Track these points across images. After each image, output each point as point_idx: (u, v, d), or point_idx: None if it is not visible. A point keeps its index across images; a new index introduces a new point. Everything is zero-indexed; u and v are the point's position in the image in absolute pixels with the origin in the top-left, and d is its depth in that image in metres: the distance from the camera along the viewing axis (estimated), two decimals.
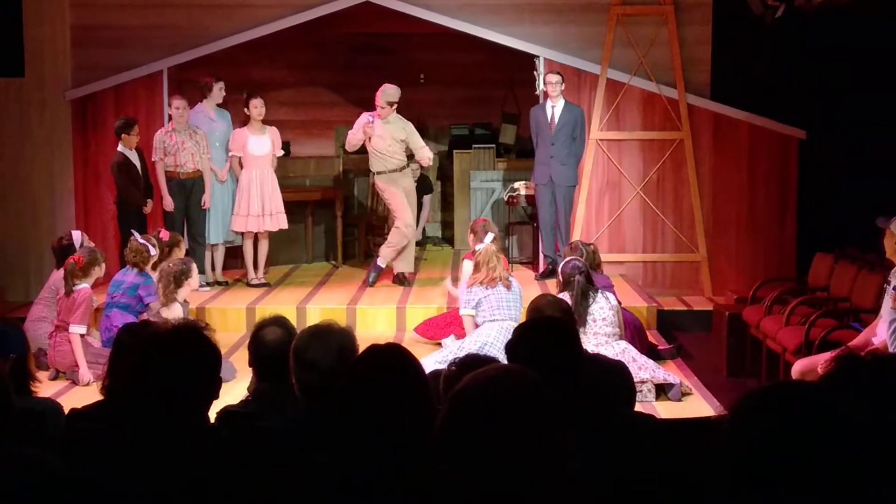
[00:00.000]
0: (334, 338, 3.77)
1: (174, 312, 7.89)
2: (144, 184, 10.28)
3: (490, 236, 8.50)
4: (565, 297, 7.41)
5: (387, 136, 10.40)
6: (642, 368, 7.28)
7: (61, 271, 8.28)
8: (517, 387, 2.10)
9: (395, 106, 10.46)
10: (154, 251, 8.47)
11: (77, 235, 8.72)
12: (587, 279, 7.59)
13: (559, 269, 7.85)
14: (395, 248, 10.52)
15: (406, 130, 10.54)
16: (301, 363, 3.71)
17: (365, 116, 10.50)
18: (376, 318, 9.63)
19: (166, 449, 2.78)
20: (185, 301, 8.17)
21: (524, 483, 2.02)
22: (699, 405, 7.23)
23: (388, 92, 10.44)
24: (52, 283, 8.50)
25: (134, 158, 10.17)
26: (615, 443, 3.32)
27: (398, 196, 10.49)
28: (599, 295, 7.59)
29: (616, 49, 11.01)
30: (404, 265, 10.67)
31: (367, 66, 13.28)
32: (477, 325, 8.09)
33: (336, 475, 2.78)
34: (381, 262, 10.58)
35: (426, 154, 10.61)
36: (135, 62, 11.07)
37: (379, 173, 10.54)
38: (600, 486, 2.91)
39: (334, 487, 2.77)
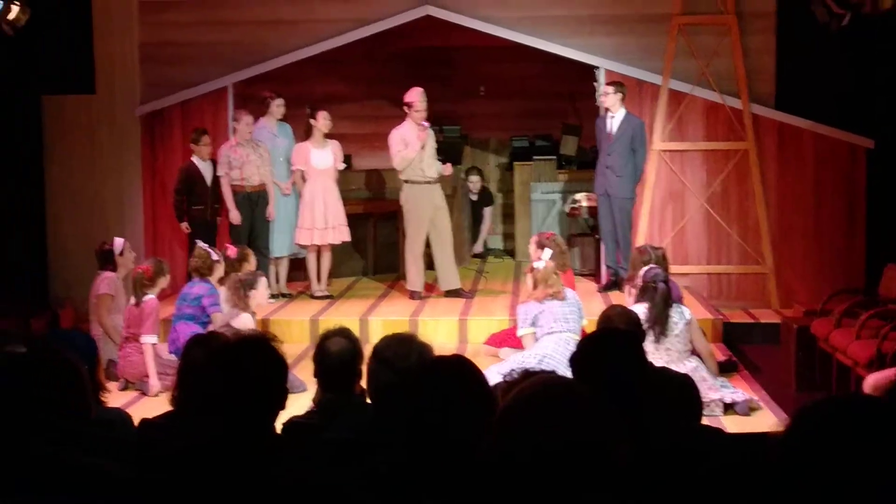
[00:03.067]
0: (415, 345, 3.90)
1: (243, 323, 8.00)
2: (213, 195, 10.46)
3: (548, 253, 8.37)
4: (641, 306, 7.34)
5: (427, 145, 10.39)
6: (712, 389, 7.19)
7: (103, 276, 8.61)
8: (561, 400, 2.10)
9: None
10: (216, 256, 8.59)
11: (119, 243, 8.88)
12: (668, 288, 7.49)
13: (641, 276, 7.73)
14: (414, 273, 10.45)
15: (433, 138, 10.51)
16: (378, 360, 3.80)
17: (406, 129, 10.30)
18: (438, 330, 9.62)
19: (235, 459, 2.82)
20: (253, 313, 8.28)
21: (575, 497, 2.02)
22: (767, 419, 7.14)
23: (423, 92, 10.32)
24: (92, 290, 8.71)
25: (205, 169, 10.37)
26: (681, 455, 3.30)
27: (415, 218, 10.34)
28: (674, 307, 7.48)
29: (678, 59, 10.95)
30: (448, 282, 10.54)
31: (428, 79, 13.33)
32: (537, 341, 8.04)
33: (399, 485, 2.80)
34: (409, 287, 10.57)
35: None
36: (201, 78, 11.26)
37: (413, 183, 10.34)
38: (662, 499, 2.90)
39: (397, 498, 2.78)
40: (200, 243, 8.79)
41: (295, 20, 11.21)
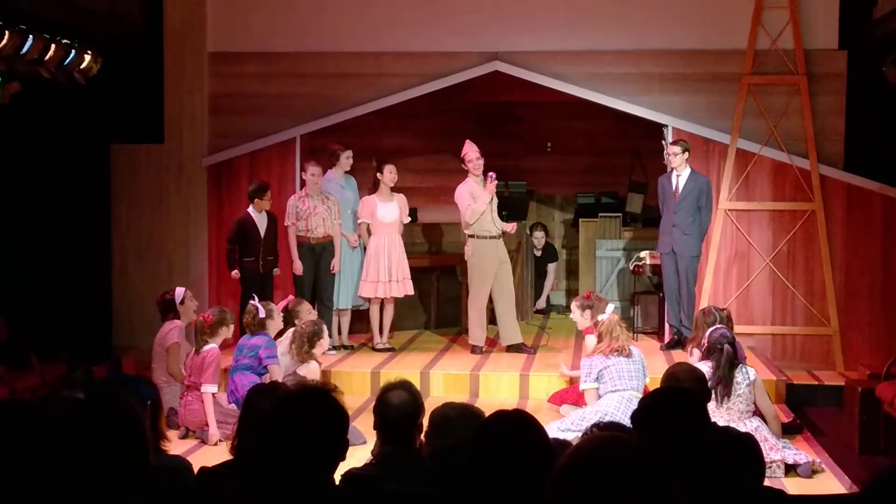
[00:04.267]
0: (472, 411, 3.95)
1: (311, 371, 8.05)
2: (266, 248, 10.46)
3: (611, 306, 8.40)
4: (705, 364, 7.30)
5: (493, 200, 10.45)
6: (773, 449, 7.10)
7: (166, 326, 8.75)
8: (619, 456, 2.07)
9: None
10: (262, 314, 8.62)
11: (180, 292, 9.00)
12: (734, 350, 7.44)
13: (706, 336, 7.68)
14: (476, 327, 10.45)
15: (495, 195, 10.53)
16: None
17: (471, 183, 10.38)
18: (499, 385, 9.61)
19: None
20: (319, 362, 8.33)
21: None
22: (830, 483, 7.01)
23: (471, 142, 10.44)
24: (158, 338, 8.83)
25: (259, 221, 10.42)
26: None
27: (481, 273, 10.33)
28: (739, 367, 7.43)
29: (746, 118, 10.90)
30: (509, 337, 10.51)
31: (494, 134, 13.40)
32: (600, 397, 7.99)
33: None
34: (472, 342, 10.57)
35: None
36: (269, 129, 11.41)
37: (479, 238, 10.35)
38: None
39: None
40: (252, 301, 8.83)
41: (364, 74, 11.34)
